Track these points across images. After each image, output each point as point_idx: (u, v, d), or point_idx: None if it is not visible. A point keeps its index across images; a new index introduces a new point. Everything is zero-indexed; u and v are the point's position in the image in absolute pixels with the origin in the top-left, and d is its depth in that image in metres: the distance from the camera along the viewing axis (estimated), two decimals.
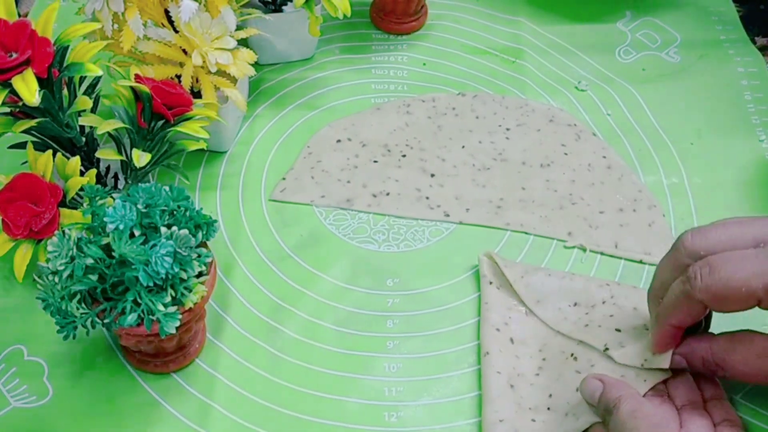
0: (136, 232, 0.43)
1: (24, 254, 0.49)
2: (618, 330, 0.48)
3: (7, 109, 0.50)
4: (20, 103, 0.47)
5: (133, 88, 0.51)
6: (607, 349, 0.47)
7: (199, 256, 0.44)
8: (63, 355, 0.50)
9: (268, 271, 0.54)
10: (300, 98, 0.66)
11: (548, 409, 0.46)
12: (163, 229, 0.43)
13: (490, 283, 0.53)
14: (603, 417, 0.43)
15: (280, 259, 0.55)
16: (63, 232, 0.43)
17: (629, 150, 0.62)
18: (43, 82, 0.47)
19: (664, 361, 0.44)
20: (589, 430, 0.44)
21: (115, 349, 0.50)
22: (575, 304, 0.51)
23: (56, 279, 0.43)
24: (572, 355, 0.48)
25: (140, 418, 0.47)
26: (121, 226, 0.42)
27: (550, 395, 0.47)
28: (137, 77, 0.52)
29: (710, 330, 0.46)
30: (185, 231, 0.43)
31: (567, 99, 0.66)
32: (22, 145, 0.52)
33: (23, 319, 0.51)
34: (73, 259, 0.42)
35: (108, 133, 0.51)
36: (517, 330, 0.50)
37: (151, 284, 0.42)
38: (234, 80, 0.57)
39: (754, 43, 0.71)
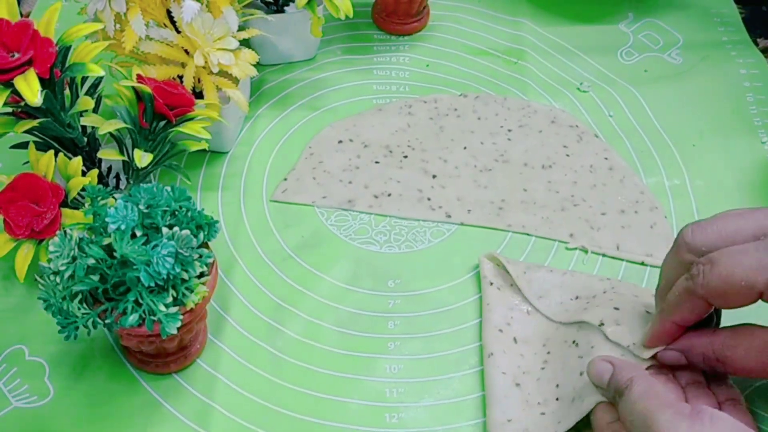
0: (138, 233, 0.43)
1: (25, 254, 0.49)
2: (616, 308, 0.47)
3: (9, 109, 0.50)
4: (22, 104, 0.47)
5: (135, 89, 0.51)
6: (602, 324, 0.46)
7: (201, 256, 0.44)
8: (64, 356, 0.50)
9: (269, 272, 0.54)
10: (302, 99, 0.66)
11: (557, 399, 0.46)
12: (165, 230, 0.43)
13: (491, 284, 0.53)
14: (613, 398, 0.42)
15: (282, 260, 0.55)
16: (64, 232, 0.43)
17: (631, 151, 0.62)
18: (45, 83, 0.47)
19: (649, 351, 0.44)
20: (593, 411, 0.44)
21: (116, 350, 0.50)
22: (576, 298, 0.50)
23: (57, 279, 0.43)
24: (574, 341, 0.48)
25: (141, 418, 0.47)
26: (123, 227, 0.42)
27: (557, 385, 0.47)
28: (139, 77, 0.52)
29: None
30: (187, 231, 0.43)
31: (569, 100, 0.66)
32: (23, 146, 0.52)
33: (24, 319, 0.51)
34: (74, 259, 0.42)
35: (110, 133, 0.51)
36: (519, 329, 0.50)
37: (152, 284, 0.42)
38: (236, 81, 0.57)
39: (757, 44, 0.70)
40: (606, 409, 0.43)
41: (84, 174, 0.52)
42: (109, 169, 0.57)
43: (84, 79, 0.53)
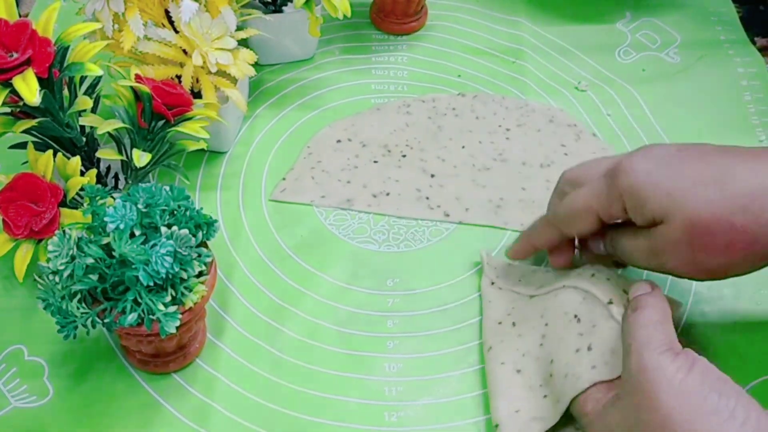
0: (137, 232, 0.43)
1: (24, 254, 0.49)
2: (625, 292, 0.46)
3: (8, 109, 0.50)
4: (21, 103, 0.48)
5: (133, 88, 0.51)
6: (611, 302, 0.45)
7: (200, 255, 0.44)
8: (63, 355, 0.50)
9: (268, 271, 0.54)
10: (300, 98, 0.66)
11: (551, 375, 0.45)
12: (164, 229, 0.43)
13: (492, 283, 0.53)
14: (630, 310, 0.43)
15: (281, 259, 0.55)
16: (63, 231, 0.43)
17: (629, 150, 0.62)
18: (43, 82, 0.47)
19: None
20: (586, 392, 0.43)
21: (115, 349, 0.50)
22: (578, 275, 0.49)
23: (57, 279, 0.43)
24: (575, 316, 0.46)
25: (140, 418, 0.47)
26: (122, 226, 0.42)
27: (552, 361, 0.46)
28: (137, 77, 0.52)
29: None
30: (185, 231, 0.43)
31: (567, 99, 0.66)
32: (22, 145, 0.52)
33: (24, 319, 0.51)
34: (73, 258, 0.42)
35: (108, 133, 0.51)
36: (518, 315, 0.50)
37: (151, 284, 0.42)
38: (234, 80, 0.57)
39: (754, 43, 0.71)
40: (603, 388, 0.43)
41: (82, 174, 0.52)
42: (108, 168, 0.57)
43: (82, 79, 0.53)
